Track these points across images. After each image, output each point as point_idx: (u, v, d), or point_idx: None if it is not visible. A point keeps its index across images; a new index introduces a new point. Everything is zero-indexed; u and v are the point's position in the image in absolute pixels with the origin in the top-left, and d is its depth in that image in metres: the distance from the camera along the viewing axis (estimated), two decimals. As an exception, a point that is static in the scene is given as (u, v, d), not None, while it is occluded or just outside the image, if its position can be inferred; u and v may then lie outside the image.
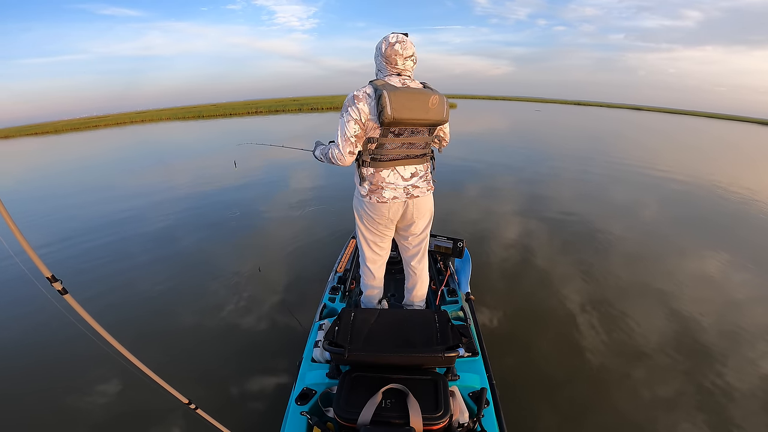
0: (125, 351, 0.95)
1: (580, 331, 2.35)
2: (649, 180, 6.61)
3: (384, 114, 1.29)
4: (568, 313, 2.54)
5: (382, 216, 1.54)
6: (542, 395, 1.88)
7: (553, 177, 6.66)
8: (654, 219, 4.59)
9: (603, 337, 2.30)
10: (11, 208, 0.69)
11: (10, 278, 3.10)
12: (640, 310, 2.56)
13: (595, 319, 2.47)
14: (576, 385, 1.95)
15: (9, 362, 2.21)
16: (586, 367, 2.07)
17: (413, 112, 1.34)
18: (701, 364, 2.08)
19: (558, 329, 2.39)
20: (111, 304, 2.75)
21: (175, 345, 2.29)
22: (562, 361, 2.11)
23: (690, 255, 3.54)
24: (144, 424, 1.75)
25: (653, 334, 2.33)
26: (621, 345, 2.23)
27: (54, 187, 7.03)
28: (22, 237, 0.73)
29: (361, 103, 1.34)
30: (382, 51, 1.39)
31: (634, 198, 5.45)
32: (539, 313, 2.56)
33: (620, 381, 1.97)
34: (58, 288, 0.80)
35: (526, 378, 1.98)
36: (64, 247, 3.81)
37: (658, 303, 2.68)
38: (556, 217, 4.43)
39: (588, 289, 2.83)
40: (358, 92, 1.36)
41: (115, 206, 5.22)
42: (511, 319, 2.48)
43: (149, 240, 3.95)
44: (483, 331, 2.28)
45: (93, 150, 13.34)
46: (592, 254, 3.47)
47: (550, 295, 2.76)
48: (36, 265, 0.77)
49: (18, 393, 1.98)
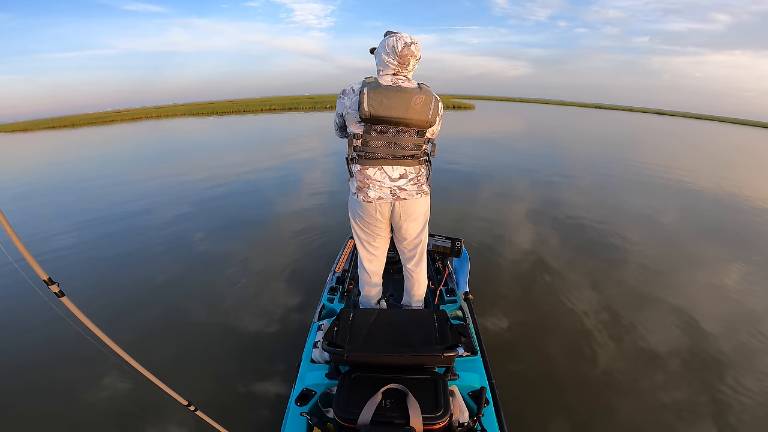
0: (123, 353, 0.94)
1: (590, 338, 2.31)
2: (670, 187, 6.40)
3: (361, 109, 1.34)
4: (579, 319, 2.50)
5: (370, 215, 1.55)
6: (550, 399, 1.86)
7: (569, 181, 6.51)
8: (673, 227, 4.44)
9: (613, 344, 2.25)
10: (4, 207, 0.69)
11: (8, 282, 3.08)
12: (652, 319, 2.51)
13: (606, 326, 2.42)
14: (583, 391, 1.92)
15: (6, 365, 2.19)
16: (594, 374, 2.03)
17: (391, 110, 1.35)
18: (714, 376, 2.03)
19: (568, 335, 2.35)
20: (110, 304, 2.73)
21: (174, 346, 2.28)
22: (570, 367, 2.08)
23: (708, 265, 3.43)
24: (143, 426, 1.74)
25: (665, 343, 2.28)
26: (631, 353, 2.19)
27: (47, 188, 6.99)
28: (18, 240, 0.72)
29: (346, 98, 1.41)
30: (398, 50, 1.38)
31: (654, 205, 5.25)
32: (549, 317, 2.52)
33: (629, 389, 1.93)
34: (55, 291, 0.80)
35: (534, 383, 1.96)
36: (64, 246, 3.80)
37: (672, 312, 2.60)
38: (571, 222, 4.35)
39: (600, 297, 2.77)
40: (347, 87, 1.43)
41: (115, 205, 5.21)
42: (521, 322, 2.44)
43: (150, 239, 3.94)
44: (493, 334, 2.29)
45: (95, 147, 13.26)
46: (607, 261, 3.39)
47: (561, 300, 2.71)
48: (33, 268, 0.77)
49: (15, 396, 1.97)
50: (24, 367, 2.18)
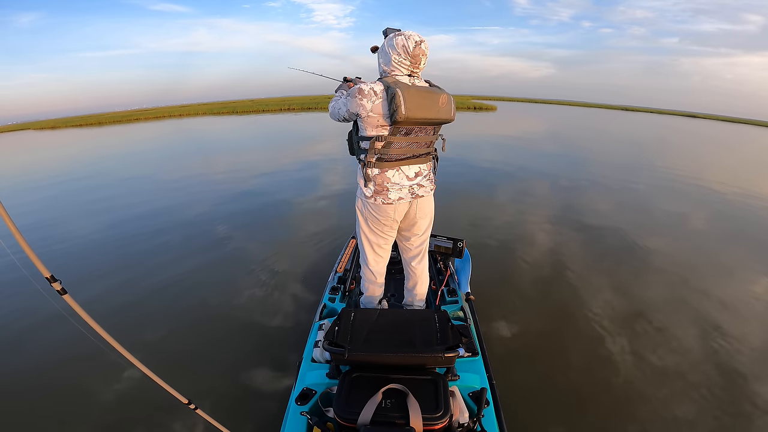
0: (125, 351, 0.95)
1: (608, 347, 2.24)
2: (700, 193, 6.08)
3: (398, 113, 1.28)
4: (597, 326, 2.43)
5: (387, 217, 1.53)
6: (564, 407, 1.84)
7: (593, 185, 6.28)
8: (702, 235, 4.24)
9: (632, 355, 2.19)
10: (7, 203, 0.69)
11: (10, 279, 3.10)
12: (676, 331, 2.40)
13: (626, 336, 2.34)
14: (599, 401, 1.87)
15: (7, 363, 2.21)
16: (610, 383, 1.98)
17: (425, 111, 1.34)
18: (740, 393, 1.94)
19: (585, 342, 2.29)
20: (110, 302, 2.74)
21: (175, 345, 2.29)
22: (586, 375, 2.03)
23: (738, 276, 3.24)
24: (144, 425, 1.74)
25: (687, 356, 2.19)
26: (651, 365, 2.13)
27: (52, 186, 7.04)
28: (21, 237, 0.73)
29: (365, 99, 1.31)
30: (410, 50, 1.34)
31: (682, 211, 5.01)
32: (566, 324, 2.47)
33: (646, 401, 1.88)
34: (57, 288, 0.80)
35: (547, 389, 1.94)
36: (64, 243, 3.82)
37: (697, 325, 2.48)
38: (593, 228, 4.20)
39: (621, 305, 2.68)
40: (364, 87, 1.32)
41: (115, 208, 5.23)
42: (537, 328, 2.40)
43: (149, 240, 3.95)
44: (508, 339, 2.27)
45: (114, 148, 13.37)
46: (629, 268, 3.26)
47: (579, 307, 2.64)
48: (35, 265, 0.77)
49: (16, 393, 1.98)
50: (25, 364, 2.19)
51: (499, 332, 2.34)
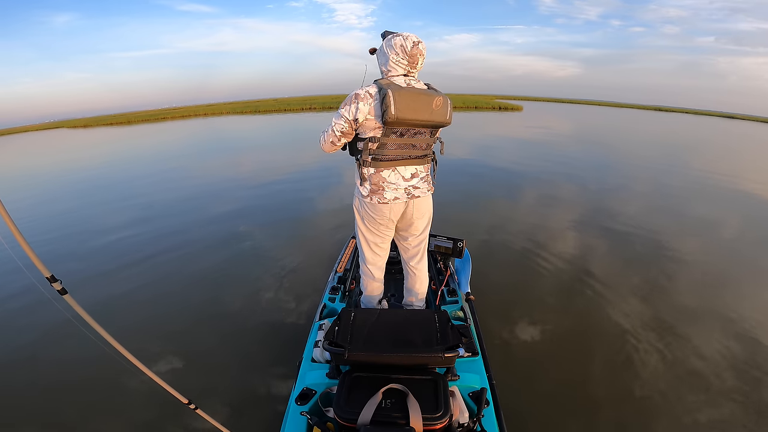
0: (125, 351, 0.95)
1: (633, 355, 2.17)
2: (738, 197, 5.84)
3: (388, 114, 1.29)
4: (621, 333, 2.36)
5: (383, 216, 1.55)
6: (582, 413, 1.81)
7: (623, 188, 6.07)
8: (738, 240, 4.04)
9: (658, 362, 2.12)
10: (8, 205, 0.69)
11: (10, 279, 3.10)
12: (705, 339, 2.31)
13: (652, 344, 2.26)
14: (620, 408, 1.84)
15: (5, 363, 2.20)
16: (633, 391, 1.93)
17: (417, 112, 1.34)
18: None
19: (608, 348, 2.24)
20: (110, 302, 2.74)
21: (175, 345, 2.28)
22: (609, 381, 2.00)
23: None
24: (144, 425, 1.75)
25: (716, 365, 2.10)
26: (678, 373, 2.06)
27: (57, 189, 7.05)
28: (21, 237, 0.72)
29: (361, 103, 1.34)
30: (407, 49, 1.35)
31: (717, 215, 4.80)
32: (590, 329, 2.42)
33: (670, 409, 1.82)
34: (58, 288, 0.80)
35: (566, 396, 1.91)
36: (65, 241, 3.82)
37: (728, 333, 2.38)
38: (622, 231, 4.06)
39: (648, 312, 2.59)
40: (360, 91, 1.36)
41: (118, 208, 5.23)
42: (559, 333, 2.37)
43: (149, 240, 3.96)
44: (527, 343, 2.25)
45: (141, 148, 13.33)
46: (659, 273, 3.14)
47: (604, 313, 2.58)
48: (35, 264, 0.77)
49: (16, 393, 1.98)
50: (24, 364, 2.19)
51: (524, 334, 2.32)
